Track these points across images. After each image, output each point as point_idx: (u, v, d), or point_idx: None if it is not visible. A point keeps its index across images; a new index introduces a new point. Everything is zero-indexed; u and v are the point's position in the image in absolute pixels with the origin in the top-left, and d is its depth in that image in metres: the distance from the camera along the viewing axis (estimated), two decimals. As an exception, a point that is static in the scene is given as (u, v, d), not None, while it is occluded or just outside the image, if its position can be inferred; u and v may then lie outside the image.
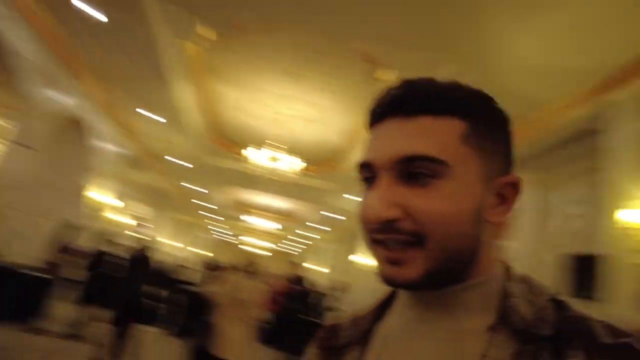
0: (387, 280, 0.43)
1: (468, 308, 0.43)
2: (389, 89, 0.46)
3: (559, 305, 0.42)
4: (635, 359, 0.35)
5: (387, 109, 0.45)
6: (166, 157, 11.01)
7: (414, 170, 0.42)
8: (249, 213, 17.31)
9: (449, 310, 0.44)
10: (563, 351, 0.37)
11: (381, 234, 0.42)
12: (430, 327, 0.44)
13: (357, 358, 0.49)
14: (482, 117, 0.44)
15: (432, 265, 0.41)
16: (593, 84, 3.76)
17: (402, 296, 0.50)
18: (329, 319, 0.59)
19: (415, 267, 0.41)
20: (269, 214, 17.37)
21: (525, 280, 0.45)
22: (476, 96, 0.45)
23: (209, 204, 16.71)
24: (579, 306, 0.39)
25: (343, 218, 13.44)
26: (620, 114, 3.46)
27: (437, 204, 0.41)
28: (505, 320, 0.41)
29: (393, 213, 0.41)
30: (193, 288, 5.96)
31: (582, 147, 4.44)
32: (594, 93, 3.82)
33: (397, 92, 0.45)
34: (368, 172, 0.46)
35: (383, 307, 0.53)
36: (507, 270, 0.46)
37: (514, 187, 0.45)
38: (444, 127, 0.43)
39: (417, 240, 0.41)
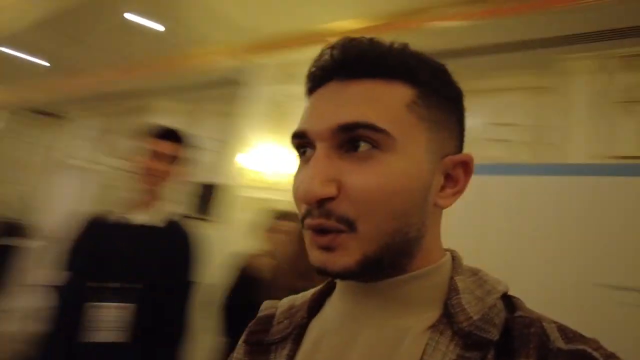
0: (320, 268, 0.38)
1: (409, 303, 0.39)
2: (329, 48, 0.40)
3: (510, 303, 0.38)
4: None
5: (327, 71, 0.40)
6: None
7: (354, 140, 0.36)
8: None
9: (388, 305, 0.39)
10: (514, 357, 0.33)
11: (311, 219, 0.37)
12: (367, 325, 0.40)
13: (288, 357, 0.43)
14: (433, 86, 0.39)
15: (369, 251, 0.36)
16: (248, 43, 4.36)
17: (339, 287, 0.44)
18: (263, 305, 0.52)
19: (348, 253, 0.36)
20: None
21: (474, 274, 0.41)
22: (428, 63, 0.40)
23: None
24: (198, 226, 0.45)
25: None
26: (261, 74, 4.20)
27: (379, 180, 0.36)
28: (449, 319, 0.36)
29: (327, 190, 0.35)
30: None
31: (225, 92, 5.13)
32: (246, 50, 4.43)
33: (338, 52, 0.39)
34: (302, 143, 0.40)
35: (322, 297, 0.47)
36: (455, 260, 0.41)
37: (466, 168, 0.41)
38: (389, 93, 0.38)
39: (345, 226, 0.36)
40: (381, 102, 0.37)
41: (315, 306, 0.47)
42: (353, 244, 0.36)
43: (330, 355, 0.40)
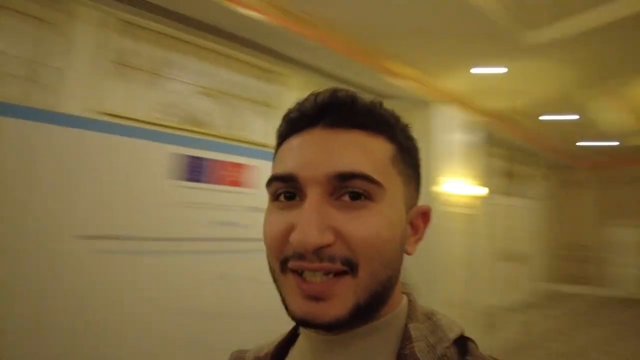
0: (305, 319, 0.37)
1: (368, 355, 0.41)
2: (314, 94, 0.42)
3: (463, 349, 0.39)
4: None
5: (311, 117, 0.41)
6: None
7: (348, 189, 0.38)
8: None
9: (350, 357, 0.41)
10: None
11: (308, 262, 0.36)
12: None
13: None
14: (404, 141, 0.43)
15: (361, 299, 0.38)
16: None
17: (300, 340, 0.46)
18: (231, 356, 0.53)
19: (342, 302, 0.37)
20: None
21: (429, 318, 0.42)
22: (399, 121, 0.44)
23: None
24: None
25: None
26: None
27: (373, 228, 0.38)
28: None
29: (326, 238, 0.36)
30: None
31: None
32: None
33: (326, 98, 0.41)
34: (286, 186, 0.40)
35: (286, 346, 0.48)
36: (410, 305, 0.43)
37: (424, 217, 0.45)
38: (377, 146, 0.41)
39: (349, 269, 0.37)
40: (373, 154, 0.39)
41: (280, 355, 0.47)
42: (349, 292, 0.37)
43: None
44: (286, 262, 0.39)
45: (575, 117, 6.49)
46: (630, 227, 9.24)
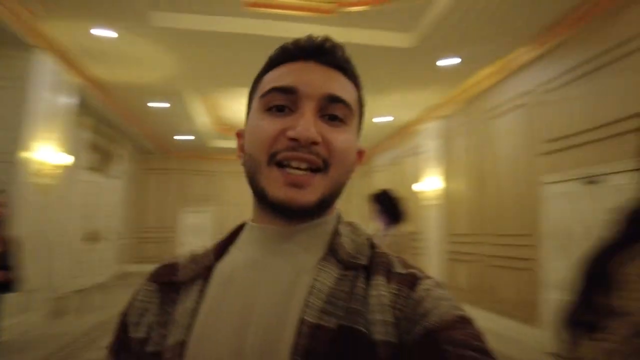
0: (285, 201, 0.48)
1: (308, 245, 0.52)
2: (311, 37, 0.54)
3: (371, 244, 0.54)
4: (416, 281, 0.48)
5: (308, 52, 0.53)
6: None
7: (333, 110, 0.51)
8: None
9: (291, 248, 0.51)
10: (372, 276, 0.49)
11: (301, 153, 0.48)
12: (273, 263, 0.50)
13: (199, 292, 0.50)
14: (361, 93, 0.58)
15: (326, 193, 0.50)
16: None
17: (247, 234, 0.55)
18: (164, 258, 0.60)
19: (315, 191, 0.49)
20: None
21: (350, 224, 0.56)
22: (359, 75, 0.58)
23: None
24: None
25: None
26: None
27: (346, 142, 0.51)
28: (333, 254, 0.51)
29: (319, 137, 0.48)
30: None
31: None
32: None
33: (324, 44, 0.53)
34: (283, 97, 0.50)
35: (226, 245, 0.56)
36: (339, 214, 0.56)
37: (360, 155, 0.57)
38: (350, 88, 0.54)
39: (324, 166, 0.49)
40: (349, 92, 0.54)
41: (221, 252, 0.55)
42: (320, 184, 0.49)
43: (240, 287, 0.49)
44: (274, 156, 0.49)
45: (172, 106, 7.15)
46: (197, 212, 11.24)
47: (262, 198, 0.51)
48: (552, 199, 4.09)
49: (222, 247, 0.56)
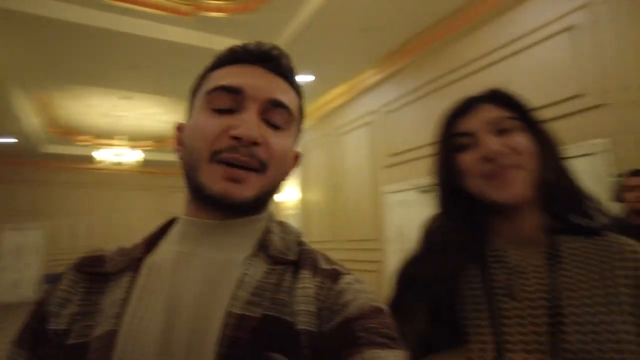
0: (223, 195, 0.49)
1: (240, 240, 0.53)
2: (260, 43, 0.56)
3: (300, 242, 0.57)
4: (339, 275, 0.51)
5: (255, 57, 0.55)
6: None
7: (275, 114, 0.54)
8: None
9: (222, 241, 0.52)
10: (299, 270, 0.52)
11: (240, 155, 0.49)
12: (202, 257, 0.51)
13: (129, 283, 0.50)
14: (302, 102, 0.61)
15: (262, 191, 0.52)
16: None
17: (178, 228, 0.55)
18: (87, 252, 0.58)
19: (252, 188, 0.50)
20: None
21: (281, 223, 0.59)
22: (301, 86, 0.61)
23: None
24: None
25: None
26: None
27: (286, 146, 0.54)
28: (263, 250, 0.53)
29: (261, 138, 0.50)
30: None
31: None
32: None
33: (271, 51, 0.56)
34: (229, 97, 0.52)
35: (155, 240, 0.56)
36: (271, 212, 0.58)
37: (296, 160, 0.61)
38: (293, 96, 0.57)
39: (261, 168, 0.51)
40: (291, 100, 0.56)
41: (151, 245, 0.55)
42: (257, 182, 0.51)
43: (170, 278, 0.49)
44: (217, 154, 0.50)
45: None
46: (23, 229, 9.33)
47: (198, 192, 0.51)
48: (393, 206, 4.63)
49: (152, 241, 0.56)
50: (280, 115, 0.54)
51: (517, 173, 0.68)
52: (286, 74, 0.57)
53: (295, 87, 0.59)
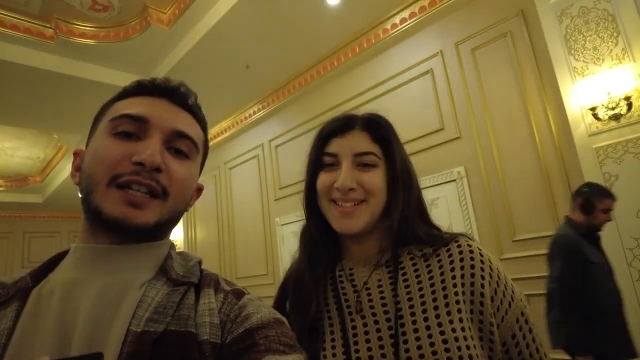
0: (121, 220, 0.49)
1: (140, 265, 0.52)
2: (166, 78, 0.60)
3: (200, 268, 0.59)
4: (242, 294, 0.55)
5: (167, 92, 0.58)
6: None
7: (179, 144, 0.56)
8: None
9: (120, 265, 0.51)
10: (202, 290, 0.53)
11: (142, 178, 0.50)
12: (97, 280, 0.49)
13: (16, 312, 0.47)
14: (206, 137, 0.64)
15: (163, 218, 0.53)
16: None
17: (71, 256, 0.54)
18: None
19: (152, 214, 0.51)
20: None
21: (180, 254, 0.60)
22: (205, 121, 0.65)
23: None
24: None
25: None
26: None
27: (188, 175, 0.56)
28: (164, 274, 0.53)
29: (162, 165, 0.52)
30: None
31: None
32: None
33: (177, 85, 0.60)
34: (134, 124, 0.53)
35: (43, 272, 0.53)
36: (171, 243, 0.59)
37: (199, 193, 0.64)
38: (198, 130, 0.60)
39: (162, 194, 0.52)
40: (198, 132, 0.60)
41: (39, 276, 0.52)
42: (158, 208, 0.52)
43: (61, 303, 0.46)
44: (116, 178, 0.49)
45: None
46: None
47: (95, 216, 0.50)
48: (287, 237, 4.63)
49: (41, 272, 0.53)
50: (185, 146, 0.56)
51: (361, 208, 0.72)
52: (192, 109, 0.60)
53: (201, 123, 0.62)
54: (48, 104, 4.35)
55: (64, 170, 7.06)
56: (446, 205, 3.12)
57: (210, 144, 5.78)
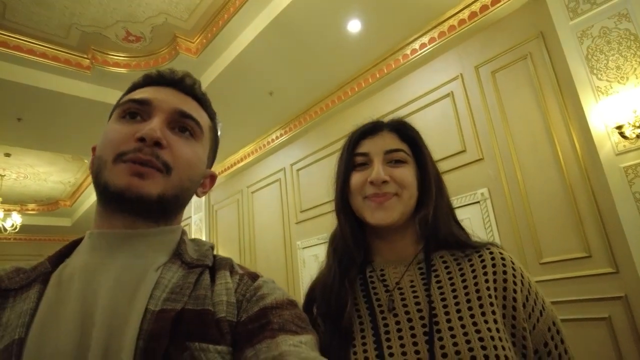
0: (126, 189, 0.50)
1: (154, 249, 0.54)
2: (173, 70, 0.63)
3: (213, 251, 0.62)
4: (256, 276, 0.57)
5: (172, 82, 0.62)
6: None
7: (183, 123, 0.59)
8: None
9: (135, 250, 0.53)
10: (217, 272, 0.55)
11: (143, 154, 0.52)
12: (116, 265, 0.51)
13: (38, 294, 0.48)
14: (214, 126, 0.67)
15: (168, 191, 0.54)
16: None
17: (87, 242, 0.55)
18: None
19: (156, 185, 0.52)
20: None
21: (193, 241, 0.63)
22: (213, 111, 0.68)
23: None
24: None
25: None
26: None
27: (191, 153, 0.57)
28: (178, 257, 0.56)
29: (164, 140, 0.54)
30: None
31: None
32: None
33: (184, 78, 0.63)
34: (138, 107, 0.57)
35: (61, 257, 0.55)
36: (183, 229, 0.62)
37: (212, 179, 0.66)
38: (204, 116, 0.64)
39: (165, 170, 0.54)
40: (203, 116, 0.62)
41: (57, 261, 0.54)
42: (161, 181, 0.53)
43: (81, 287, 0.48)
44: (121, 156, 0.52)
45: None
46: None
47: (104, 191, 0.51)
48: (308, 261, 4.62)
49: (59, 258, 0.55)
50: (189, 124, 0.58)
51: (394, 201, 0.75)
52: (197, 96, 0.63)
53: (207, 110, 0.65)
54: (82, 130, 4.57)
55: (92, 194, 7.28)
56: (470, 227, 3.04)
57: (234, 168, 5.94)
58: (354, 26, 3.36)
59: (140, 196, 0.50)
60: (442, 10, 3.27)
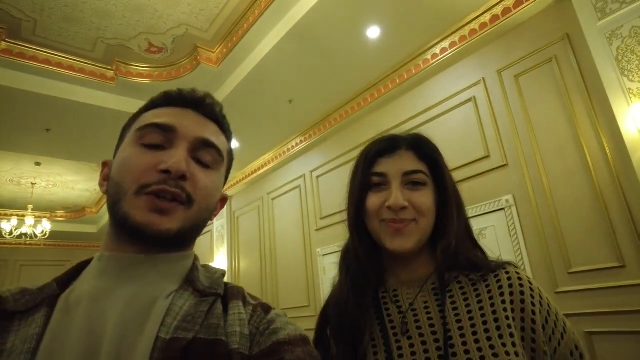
0: (146, 226, 0.49)
1: (166, 275, 0.53)
2: (195, 90, 0.61)
3: (223, 279, 0.60)
4: (269, 308, 0.56)
5: (193, 103, 0.60)
6: None
7: (205, 153, 0.57)
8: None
9: (147, 275, 0.51)
10: (230, 301, 0.54)
11: (169, 187, 0.51)
12: (124, 290, 0.49)
13: (45, 318, 0.47)
14: (230, 149, 0.66)
15: (187, 225, 0.53)
16: None
17: (96, 265, 0.54)
18: None
19: (176, 221, 0.51)
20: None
21: (205, 267, 0.61)
22: (231, 132, 0.67)
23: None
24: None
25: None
26: None
27: (211, 184, 0.56)
28: (190, 285, 0.54)
29: (188, 173, 0.53)
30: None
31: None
32: None
33: (205, 98, 0.61)
34: (160, 134, 0.54)
35: (68, 280, 0.54)
36: (196, 254, 0.60)
37: (223, 201, 0.64)
38: (223, 140, 0.62)
39: (187, 201, 0.53)
40: (223, 142, 0.61)
41: (65, 284, 0.53)
42: (182, 215, 0.52)
43: (89, 313, 0.47)
44: (144, 188, 0.50)
45: None
46: None
47: (122, 223, 0.50)
48: (328, 268, 4.60)
49: (66, 280, 0.54)
50: (210, 155, 0.57)
51: (412, 228, 0.72)
52: (218, 119, 0.61)
53: (226, 133, 0.63)
54: (106, 140, 4.68)
55: (118, 202, 7.46)
56: (495, 235, 2.99)
57: (254, 176, 5.98)
58: (373, 32, 3.34)
59: (159, 233, 0.50)
60: (463, 14, 3.22)
